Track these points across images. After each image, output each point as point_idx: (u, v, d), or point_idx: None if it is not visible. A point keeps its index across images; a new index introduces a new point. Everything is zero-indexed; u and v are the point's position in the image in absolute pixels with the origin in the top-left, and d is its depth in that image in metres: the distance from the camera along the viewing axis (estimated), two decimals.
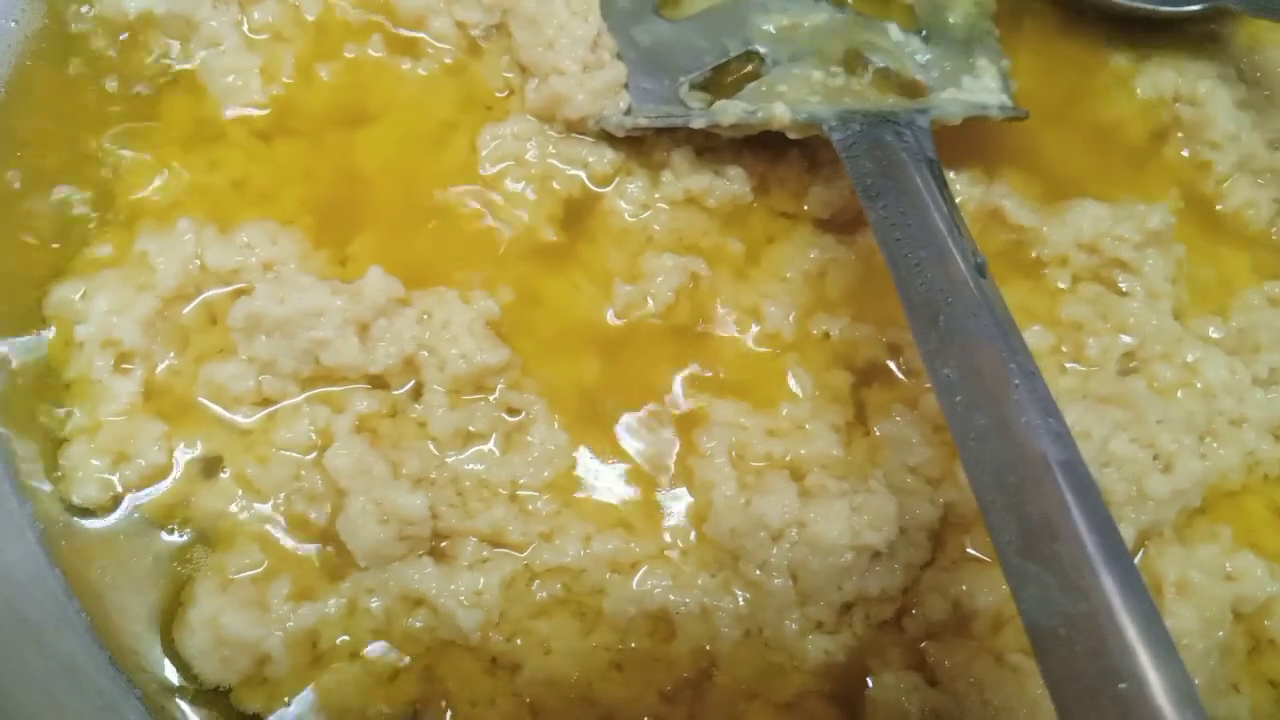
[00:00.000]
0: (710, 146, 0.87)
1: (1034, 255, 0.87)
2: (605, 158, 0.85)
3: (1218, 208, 0.91)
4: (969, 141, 0.89)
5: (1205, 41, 0.96)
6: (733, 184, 0.86)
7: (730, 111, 0.84)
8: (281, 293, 0.74)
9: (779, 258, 0.85)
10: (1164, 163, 0.93)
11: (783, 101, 0.86)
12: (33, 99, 0.81)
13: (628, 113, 0.85)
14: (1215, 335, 0.86)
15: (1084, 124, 0.93)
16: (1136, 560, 0.79)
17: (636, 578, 0.74)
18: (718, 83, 0.89)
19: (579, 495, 0.76)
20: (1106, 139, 0.93)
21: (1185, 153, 0.92)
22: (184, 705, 0.69)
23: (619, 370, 0.80)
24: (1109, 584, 0.56)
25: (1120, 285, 0.86)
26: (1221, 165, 0.91)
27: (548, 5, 0.85)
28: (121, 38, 0.83)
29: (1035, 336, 0.84)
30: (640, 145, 0.87)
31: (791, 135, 0.85)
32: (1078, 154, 0.92)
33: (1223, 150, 0.91)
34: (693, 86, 0.88)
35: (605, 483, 0.77)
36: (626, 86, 0.86)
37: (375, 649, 0.71)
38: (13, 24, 0.85)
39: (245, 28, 0.84)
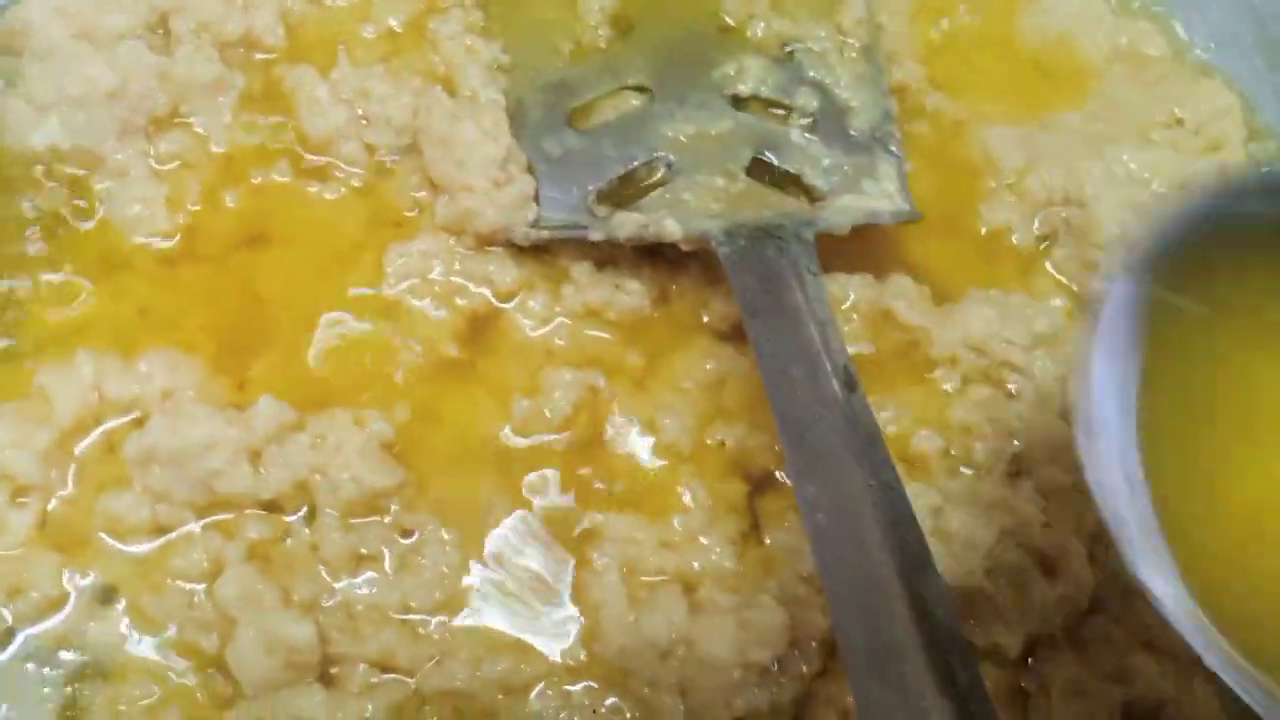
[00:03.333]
0: (612, 259, 0.90)
1: (925, 355, 0.89)
2: (509, 274, 0.88)
3: None
4: (862, 246, 0.91)
5: (1099, 141, 1.00)
6: (632, 297, 0.88)
7: (625, 225, 0.86)
8: (175, 424, 0.76)
9: (677, 369, 0.87)
10: (1054, 263, 0.95)
11: (683, 211, 0.89)
12: None
13: (534, 225, 0.88)
14: None
15: (973, 229, 0.96)
16: (1028, 665, 0.81)
17: (529, 699, 0.75)
18: (624, 191, 0.92)
19: (471, 617, 0.77)
20: (996, 242, 0.95)
21: (1074, 254, 0.95)
22: None
23: (515, 487, 0.82)
24: (950, 708, 0.58)
25: (1010, 387, 0.89)
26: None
27: (458, 125, 0.88)
28: (30, 169, 0.85)
29: (925, 440, 0.85)
30: (544, 258, 0.90)
31: (684, 248, 0.87)
32: (968, 259, 0.94)
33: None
34: (600, 195, 0.91)
35: (498, 603, 0.78)
36: (536, 198, 0.89)
37: None
38: None
39: (151, 158, 0.87)
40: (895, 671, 0.60)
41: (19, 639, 0.73)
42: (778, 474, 0.84)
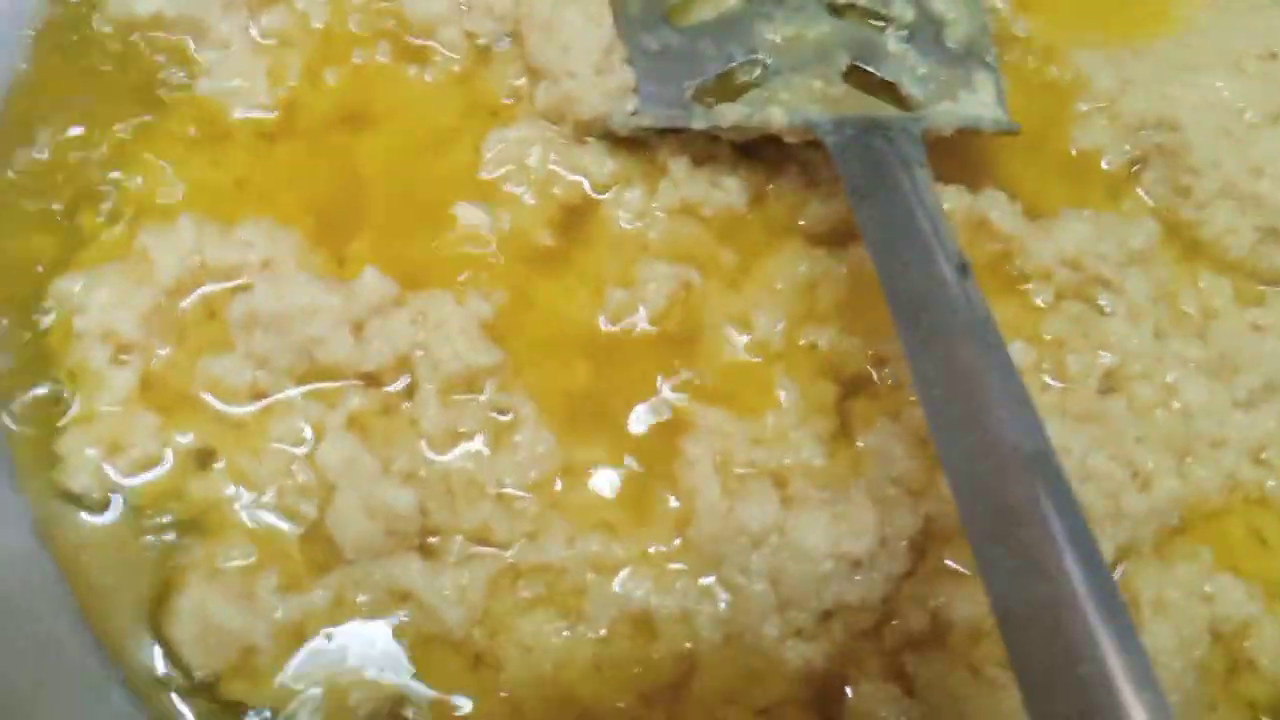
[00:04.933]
0: (710, 156, 0.90)
1: (1018, 269, 0.89)
2: (606, 166, 0.87)
3: (1198, 234, 0.93)
4: (954, 162, 0.91)
5: (1191, 69, 0.99)
6: (729, 195, 0.88)
7: (729, 114, 0.86)
8: (279, 290, 0.76)
9: (771, 269, 0.87)
10: (1145, 187, 0.95)
11: (780, 107, 0.88)
12: (44, 95, 0.84)
13: (633, 114, 0.88)
14: (1196, 356, 0.87)
15: (1063, 150, 0.95)
16: (1115, 576, 0.81)
17: (619, 579, 0.75)
18: (721, 89, 0.91)
19: (564, 496, 0.77)
20: (1086, 164, 0.95)
21: (1166, 178, 0.94)
22: (171, 695, 0.71)
23: (609, 375, 0.82)
24: (1073, 568, 0.58)
25: (1102, 304, 0.88)
26: (1201, 191, 0.93)
27: (562, 12, 0.87)
28: (132, 38, 0.85)
29: (1017, 353, 0.84)
30: (640, 152, 0.89)
31: (788, 139, 0.87)
32: (1057, 179, 0.94)
33: (1202, 176, 0.92)
34: (697, 92, 0.90)
35: (591, 485, 0.78)
36: (635, 90, 0.88)
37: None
38: (28, 31, 0.87)
39: (253, 32, 0.87)
40: (1019, 537, 0.60)
41: (119, 493, 0.74)
42: (873, 375, 0.84)
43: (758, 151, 0.89)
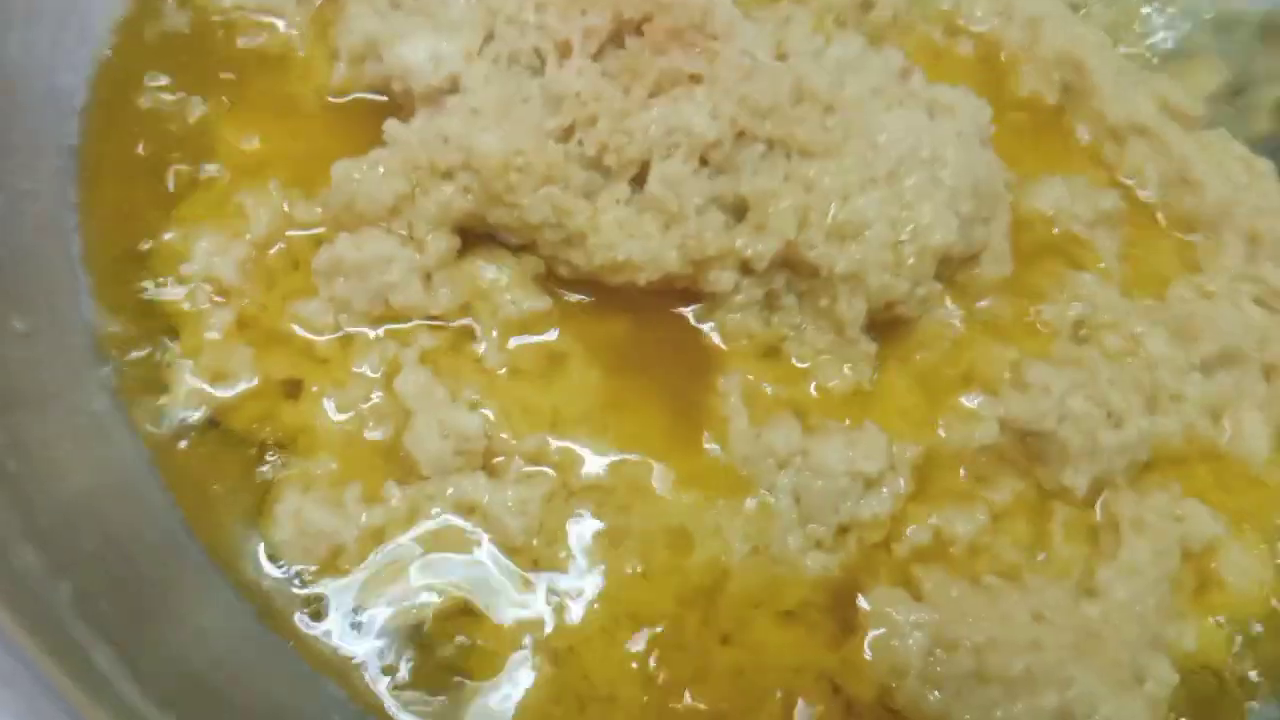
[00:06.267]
0: None
1: None
2: None
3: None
4: None
5: None
6: None
7: None
8: (357, 241, 0.86)
9: None
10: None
11: None
12: (139, 80, 0.94)
13: None
14: (1157, 315, 0.98)
15: None
16: (1096, 505, 0.91)
17: (659, 497, 0.85)
18: None
19: (611, 426, 0.87)
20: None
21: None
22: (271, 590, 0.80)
23: (648, 324, 0.91)
24: None
25: (1076, 258, 0.99)
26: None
27: None
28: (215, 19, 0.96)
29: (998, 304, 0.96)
30: None
31: None
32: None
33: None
34: None
35: (633, 416, 0.87)
36: None
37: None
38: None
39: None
40: None
41: (221, 416, 0.83)
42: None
43: None
